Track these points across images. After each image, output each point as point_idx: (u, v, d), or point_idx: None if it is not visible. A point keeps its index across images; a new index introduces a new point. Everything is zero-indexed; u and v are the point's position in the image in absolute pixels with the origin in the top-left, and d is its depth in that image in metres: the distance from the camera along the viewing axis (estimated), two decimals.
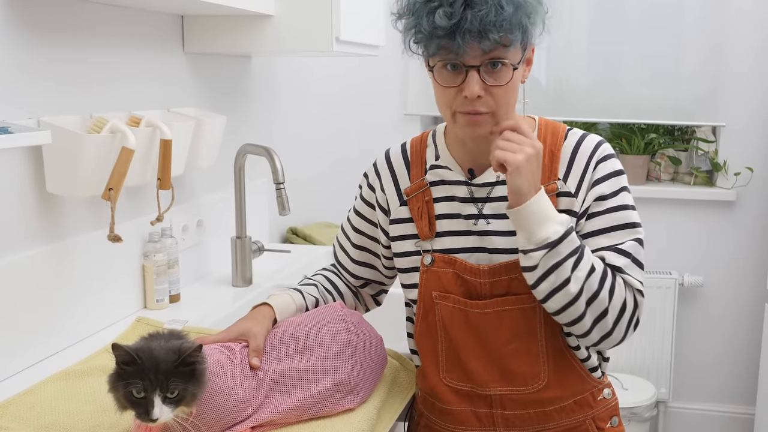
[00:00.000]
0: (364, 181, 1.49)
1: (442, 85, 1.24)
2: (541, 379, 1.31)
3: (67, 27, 1.56)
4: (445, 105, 1.26)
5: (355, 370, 1.30)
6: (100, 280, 1.66)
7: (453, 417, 1.37)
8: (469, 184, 1.34)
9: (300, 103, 2.76)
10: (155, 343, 1.11)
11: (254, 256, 2.11)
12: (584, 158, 1.31)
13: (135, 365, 1.07)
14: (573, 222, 1.26)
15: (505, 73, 1.22)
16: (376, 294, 1.58)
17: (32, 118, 1.46)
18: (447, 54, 1.20)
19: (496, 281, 1.30)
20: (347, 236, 1.52)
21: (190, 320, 1.70)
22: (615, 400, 1.41)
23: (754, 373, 3.29)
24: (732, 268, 3.30)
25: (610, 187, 1.30)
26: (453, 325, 1.33)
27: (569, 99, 3.27)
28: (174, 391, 1.07)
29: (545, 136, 1.34)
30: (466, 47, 1.18)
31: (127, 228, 1.73)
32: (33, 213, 1.49)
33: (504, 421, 1.35)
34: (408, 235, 1.39)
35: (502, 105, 1.24)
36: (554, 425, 1.35)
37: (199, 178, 2.09)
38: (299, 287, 1.48)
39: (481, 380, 1.33)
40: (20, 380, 1.41)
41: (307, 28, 1.91)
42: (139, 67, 1.80)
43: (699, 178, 3.33)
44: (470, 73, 1.20)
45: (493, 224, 1.32)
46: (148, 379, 1.06)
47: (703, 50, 3.15)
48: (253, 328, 1.30)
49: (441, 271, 1.33)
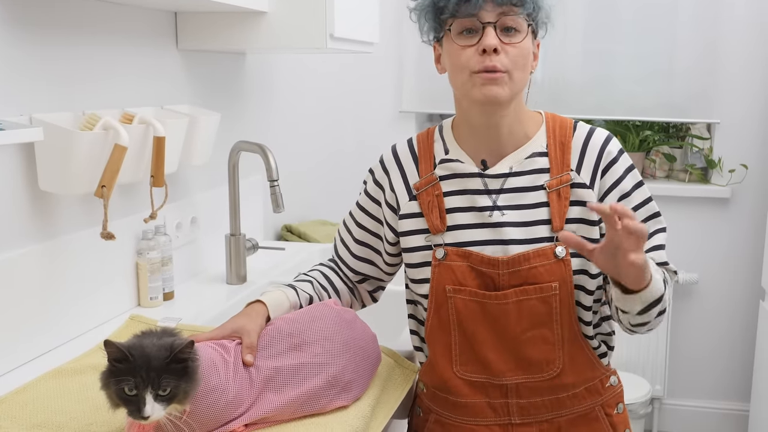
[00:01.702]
0: (369, 176, 1.48)
1: (460, 45, 1.28)
2: (557, 366, 1.34)
3: (59, 23, 1.55)
4: (461, 68, 1.29)
5: (349, 368, 1.30)
6: (93, 278, 1.66)
7: (467, 409, 1.38)
8: (483, 176, 1.36)
9: (294, 100, 2.75)
10: (147, 340, 1.11)
11: (248, 254, 2.11)
12: (595, 151, 1.35)
13: (127, 362, 1.07)
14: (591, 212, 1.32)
15: (519, 34, 1.28)
16: (373, 290, 1.57)
17: (24, 115, 1.45)
18: (466, 11, 1.26)
19: (514, 271, 1.32)
20: (349, 231, 1.52)
21: (184, 318, 1.70)
22: (620, 387, 1.45)
23: (749, 370, 3.30)
24: (727, 265, 3.30)
25: (631, 183, 1.36)
26: (468, 318, 1.34)
27: (564, 96, 3.28)
28: (166, 388, 1.07)
29: (554, 129, 1.38)
30: (482, 3, 1.24)
31: (120, 225, 1.72)
32: (25, 211, 1.48)
33: (519, 410, 1.36)
34: (418, 230, 1.39)
35: (518, 67, 1.28)
36: (567, 412, 1.37)
37: (193, 176, 2.08)
38: (294, 284, 1.47)
39: (498, 370, 1.34)
40: (13, 378, 1.40)
41: (302, 24, 1.90)
42: (133, 64, 1.79)
43: (694, 175, 3.34)
44: (486, 28, 1.26)
45: (507, 215, 1.34)
46: (139, 377, 1.06)
47: (697, 47, 3.15)
48: (247, 325, 1.30)
49: (455, 265, 1.34)
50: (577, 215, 1.33)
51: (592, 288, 1.35)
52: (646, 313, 1.26)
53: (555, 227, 1.32)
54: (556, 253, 1.31)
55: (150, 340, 1.11)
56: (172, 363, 1.08)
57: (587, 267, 1.34)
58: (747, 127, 3.19)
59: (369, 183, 1.48)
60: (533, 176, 1.34)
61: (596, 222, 1.33)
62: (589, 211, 1.33)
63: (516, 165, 1.35)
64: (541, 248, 1.31)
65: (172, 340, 1.11)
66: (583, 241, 1.19)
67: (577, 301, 1.35)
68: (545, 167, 1.34)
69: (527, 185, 1.34)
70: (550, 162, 1.35)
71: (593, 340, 1.38)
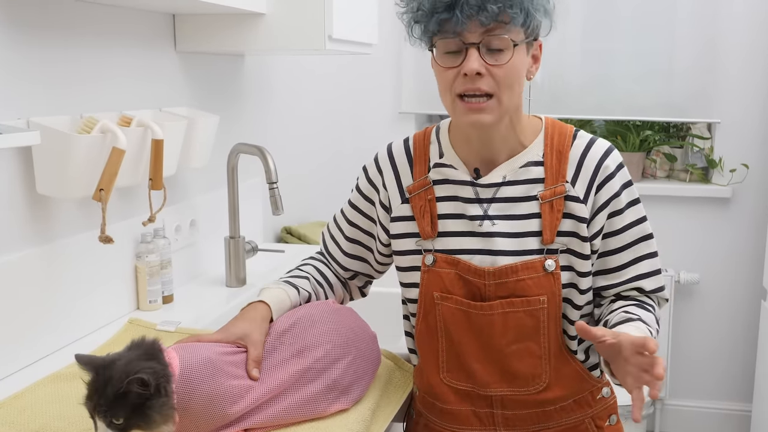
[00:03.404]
0: (362, 174, 1.47)
1: (442, 66, 1.24)
2: (543, 380, 1.31)
3: (56, 26, 1.54)
4: (445, 89, 1.25)
5: (350, 370, 1.29)
6: (91, 282, 1.65)
7: (453, 417, 1.37)
8: (474, 185, 1.33)
9: (293, 102, 2.75)
10: (124, 360, 1.06)
11: (248, 256, 2.10)
12: (593, 164, 1.30)
13: (92, 379, 1.04)
14: (582, 227, 1.28)
15: (505, 54, 1.21)
16: (363, 286, 1.56)
17: (21, 118, 1.44)
18: (447, 30, 1.21)
19: (501, 283, 1.29)
20: (340, 228, 1.51)
21: (183, 321, 1.69)
22: (614, 398, 1.42)
23: (751, 370, 3.29)
24: (728, 265, 3.30)
25: (625, 200, 1.32)
26: (454, 326, 1.32)
27: (564, 97, 3.27)
28: (119, 418, 1.01)
29: (552, 136, 1.33)
30: (466, 21, 1.18)
31: (118, 229, 1.71)
32: (23, 214, 1.47)
33: (504, 420, 1.34)
34: (409, 234, 1.38)
35: (504, 88, 1.23)
36: (554, 424, 1.35)
37: (192, 178, 2.07)
38: (292, 280, 1.45)
39: (482, 381, 1.32)
40: (11, 383, 1.39)
41: (300, 26, 1.90)
42: (130, 67, 1.78)
43: (695, 174, 3.33)
44: (470, 50, 1.20)
45: (498, 225, 1.31)
46: (95, 400, 1.02)
47: (697, 46, 3.15)
48: (253, 334, 1.27)
49: (443, 272, 1.32)
50: (568, 228, 1.29)
51: (581, 303, 1.32)
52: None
53: (545, 240, 1.28)
54: (545, 267, 1.28)
55: (125, 360, 1.05)
56: (126, 395, 1.02)
57: (577, 282, 1.31)
58: (748, 126, 3.18)
59: (362, 180, 1.46)
60: (527, 186, 1.31)
61: (587, 238, 1.29)
62: (580, 226, 1.29)
63: (510, 174, 1.31)
64: (530, 260, 1.28)
65: (139, 367, 1.04)
66: (597, 332, 1.13)
67: (565, 314, 1.32)
68: (540, 177, 1.31)
69: (520, 195, 1.31)
70: (546, 171, 1.30)
71: (579, 354, 1.35)
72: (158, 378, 1.05)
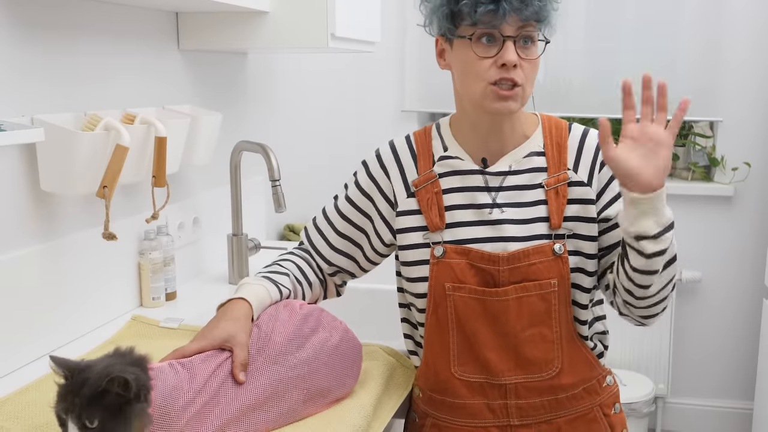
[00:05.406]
0: (362, 169, 1.47)
1: (479, 55, 1.28)
2: (555, 366, 1.34)
3: (60, 24, 1.55)
4: (477, 78, 1.29)
5: (322, 376, 1.26)
6: (95, 279, 1.66)
7: (465, 411, 1.38)
8: (484, 173, 1.37)
9: (296, 99, 2.75)
10: (103, 363, 1.02)
11: (251, 254, 2.11)
12: (592, 149, 1.38)
13: (66, 382, 1.01)
14: (590, 209, 1.35)
15: (533, 49, 1.30)
16: (341, 285, 1.55)
17: (25, 115, 1.45)
18: (489, 22, 1.26)
19: (515, 268, 1.32)
20: (330, 222, 1.50)
21: (186, 318, 1.69)
22: (616, 387, 1.45)
23: (753, 369, 3.29)
24: (730, 264, 3.30)
25: None
26: (468, 316, 1.34)
27: (566, 95, 3.27)
28: (93, 420, 0.97)
29: (550, 128, 1.40)
30: (507, 16, 1.25)
31: (122, 226, 1.72)
32: (27, 211, 1.48)
33: (518, 411, 1.36)
34: (416, 227, 1.39)
35: (530, 80, 1.31)
36: (565, 413, 1.37)
37: (195, 176, 2.08)
38: (272, 276, 1.41)
39: (497, 370, 1.34)
40: (15, 379, 1.40)
41: (303, 24, 1.90)
42: (134, 64, 1.79)
43: (697, 173, 3.33)
44: (507, 42, 1.27)
45: (507, 213, 1.35)
46: (69, 401, 0.99)
47: (700, 45, 3.14)
48: (238, 335, 1.24)
49: (453, 262, 1.34)
50: (575, 213, 1.35)
51: (588, 286, 1.36)
52: (659, 256, 1.25)
53: (553, 224, 1.33)
54: (554, 250, 1.32)
55: (105, 364, 1.02)
56: (104, 396, 0.98)
57: (584, 265, 1.35)
58: (750, 124, 3.19)
59: (361, 176, 1.46)
60: (531, 175, 1.36)
61: (594, 219, 1.35)
62: (587, 209, 1.35)
63: (515, 163, 1.37)
64: (540, 245, 1.33)
65: (123, 369, 1.00)
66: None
67: (573, 299, 1.36)
68: (543, 166, 1.36)
69: (526, 183, 1.36)
70: (548, 161, 1.36)
71: (589, 340, 1.39)
72: (140, 384, 1.01)
